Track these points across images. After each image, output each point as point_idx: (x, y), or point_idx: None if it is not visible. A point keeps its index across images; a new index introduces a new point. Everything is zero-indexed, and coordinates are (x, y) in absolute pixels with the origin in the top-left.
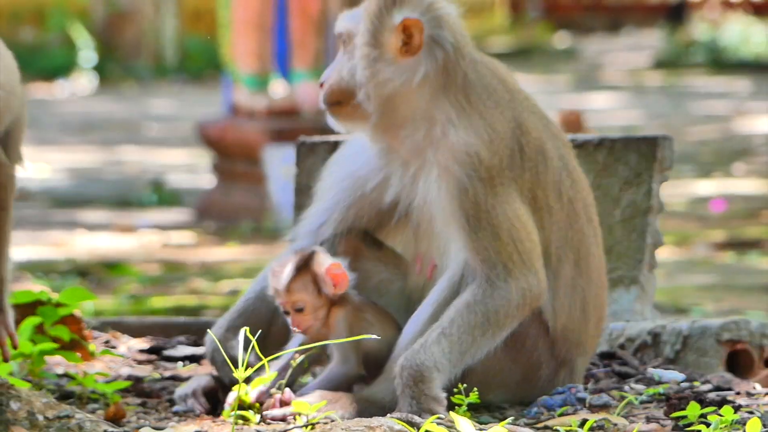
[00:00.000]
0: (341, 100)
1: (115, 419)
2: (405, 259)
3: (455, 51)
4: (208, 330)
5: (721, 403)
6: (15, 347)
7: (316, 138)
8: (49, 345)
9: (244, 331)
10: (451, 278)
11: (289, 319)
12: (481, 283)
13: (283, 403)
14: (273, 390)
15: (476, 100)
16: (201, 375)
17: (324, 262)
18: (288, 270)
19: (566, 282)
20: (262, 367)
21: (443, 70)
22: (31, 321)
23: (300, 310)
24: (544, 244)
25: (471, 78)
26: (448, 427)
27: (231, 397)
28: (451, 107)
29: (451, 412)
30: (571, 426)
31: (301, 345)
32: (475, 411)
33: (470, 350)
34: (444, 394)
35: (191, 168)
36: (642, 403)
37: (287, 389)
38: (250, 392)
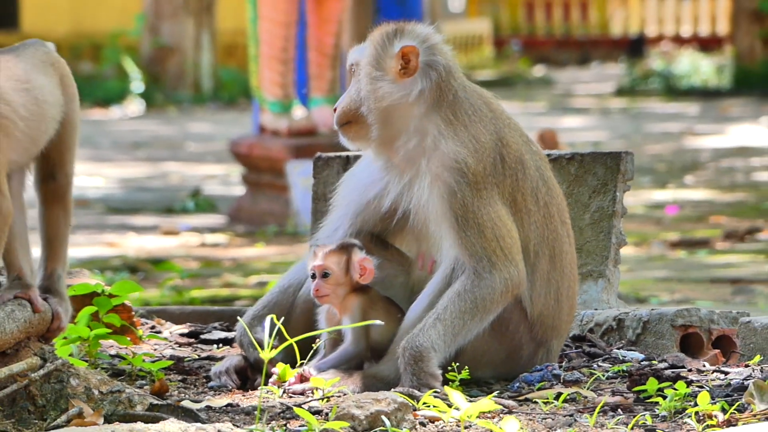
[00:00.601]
0: (351, 120)
1: (160, 393)
2: (408, 257)
3: (447, 73)
4: (239, 318)
5: (675, 378)
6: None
7: (331, 153)
8: (103, 330)
9: (270, 318)
10: (445, 272)
11: (313, 284)
12: (469, 274)
13: (303, 379)
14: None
15: (463, 116)
16: (233, 356)
17: (360, 253)
18: (333, 244)
19: (542, 275)
20: (284, 349)
21: (436, 89)
22: (88, 309)
23: (325, 277)
24: (524, 242)
25: (460, 96)
26: (443, 399)
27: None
28: (441, 121)
29: (446, 387)
30: (548, 398)
31: (319, 329)
32: (466, 386)
33: (462, 332)
34: (440, 371)
35: (224, 179)
36: (608, 379)
37: (306, 367)
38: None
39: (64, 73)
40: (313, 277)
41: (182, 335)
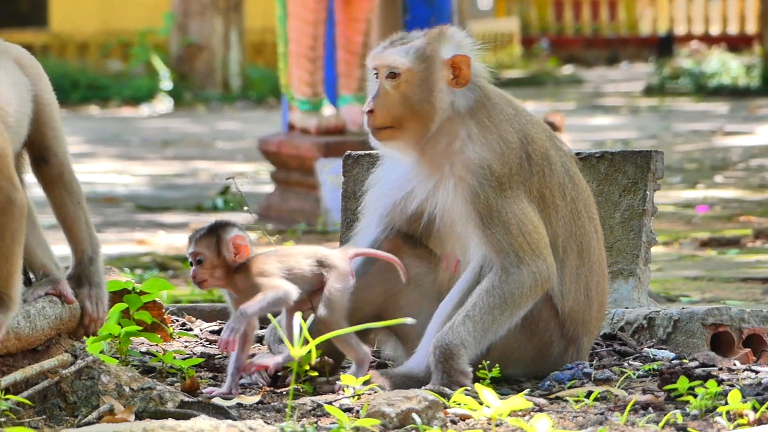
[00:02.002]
0: (392, 125)
1: (190, 390)
2: (437, 255)
3: (484, 80)
4: (269, 315)
5: (706, 377)
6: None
7: (360, 152)
8: (134, 327)
9: (297, 316)
10: (473, 270)
11: (191, 271)
12: (497, 270)
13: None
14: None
15: (494, 118)
16: (264, 353)
17: (232, 232)
18: (200, 229)
19: (571, 270)
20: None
21: (478, 98)
22: (119, 307)
23: (200, 263)
24: (552, 238)
25: (491, 100)
26: (474, 397)
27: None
28: (474, 125)
29: (476, 384)
30: (578, 397)
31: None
32: (496, 384)
33: (492, 328)
34: (470, 369)
35: (254, 177)
36: (639, 377)
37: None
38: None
39: (19, 55)
40: (191, 264)
41: (213, 332)
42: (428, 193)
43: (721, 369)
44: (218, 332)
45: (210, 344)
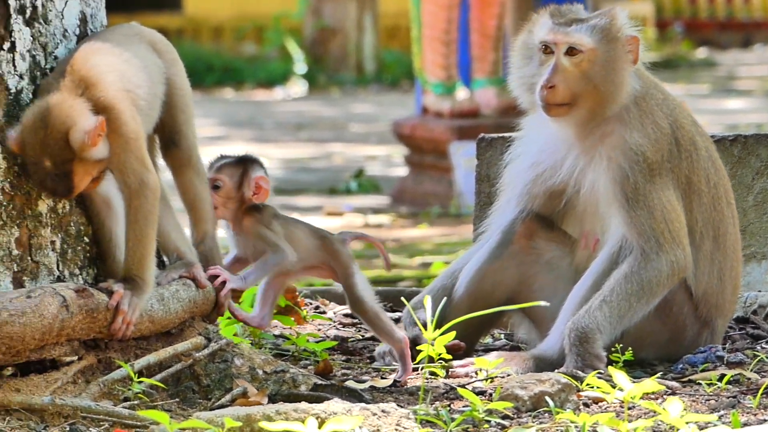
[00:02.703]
0: (569, 102)
1: (324, 373)
2: (572, 238)
3: (641, 63)
4: (403, 298)
5: None
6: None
7: (494, 135)
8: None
9: (431, 299)
10: (611, 250)
11: None
12: (636, 255)
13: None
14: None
15: (648, 102)
16: None
17: (258, 171)
18: (228, 156)
19: (706, 255)
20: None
21: (641, 77)
22: (253, 290)
23: (216, 189)
24: (692, 223)
25: (646, 84)
26: (606, 380)
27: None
28: (633, 107)
29: (609, 368)
30: (711, 380)
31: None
32: (629, 367)
33: (627, 314)
34: (605, 353)
35: (387, 160)
36: None
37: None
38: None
39: (154, 40)
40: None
41: (346, 315)
42: (576, 170)
43: None
44: (352, 315)
45: (343, 327)
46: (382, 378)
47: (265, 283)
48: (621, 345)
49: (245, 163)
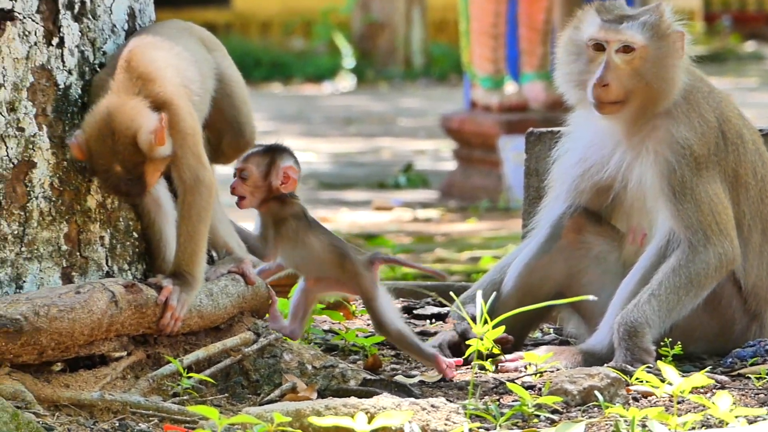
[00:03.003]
0: (621, 100)
1: (373, 368)
2: (620, 232)
3: (687, 57)
4: (451, 293)
5: None
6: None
7: (543, 129)
8: (317, 305)
9: (480, 293)
10: (658, 244)
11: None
12: (684, 249)
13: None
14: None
15: (695, 95)
16: (446, 331)
17: (287, 160)
18: (257, 146)
19: (755, 248)
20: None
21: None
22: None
23: (243, 179)
24: (739, 216)
25: (692, 77)
26: (655, 374)
27: (516, 358)
28: (682, 101)
29: (658, 362)
30: (760, 374)
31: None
32: (678, 361)
33: (676, 308)
34: (654, 347)
35: (436, 155)
36: None
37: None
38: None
39: (203, 36)
40: (235, 176)
41: None
42: (624, 166)
43: None
44: (401, 310)
45: None
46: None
47: (296, 296)
48: (670, 339)
49: (273, 152)
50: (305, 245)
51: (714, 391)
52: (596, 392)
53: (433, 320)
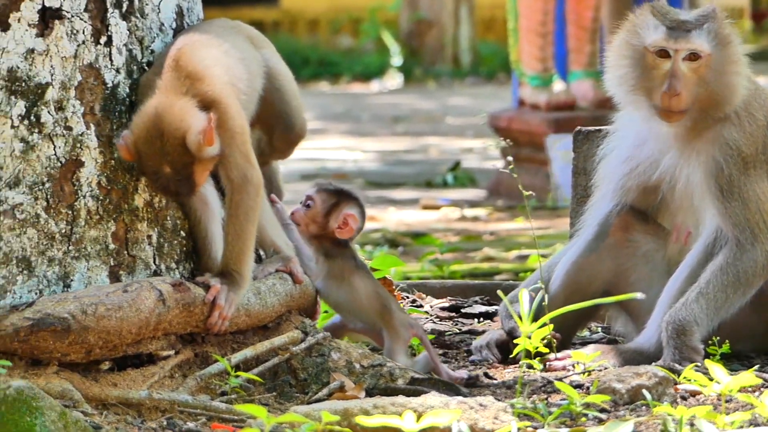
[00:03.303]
0: (688, 108)
1: None
2: (667, 230)
3: None
4: (499, 291)
5: None
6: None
7: (591, 127)
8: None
9: (528, 292)
10: (705, 242)
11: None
12: (731, 246)
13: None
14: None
15: (744, 96)
16: (494, 330)
17: (352, 208)
18: (332, 183)
19: None
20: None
21: None
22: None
23: (307, 207)
24: None
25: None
26: (704, 373)
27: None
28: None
29: (706, 360)
30: None
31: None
32: (726, 360)
33: (724, 306)
34: (702, 346)
35: (483, 153)
36: None
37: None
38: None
39: (251, 34)
40: (302, 203)
41: (443, 309)
42: (672, 166)
43: None
44: (449, 309)
45: (440, 321)
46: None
47: (325, 327)
48: (718, 338)
49: (342, 195)
50: (350, 286)
51: (762, 389)
52: (644, 391)
53: (481, 319)
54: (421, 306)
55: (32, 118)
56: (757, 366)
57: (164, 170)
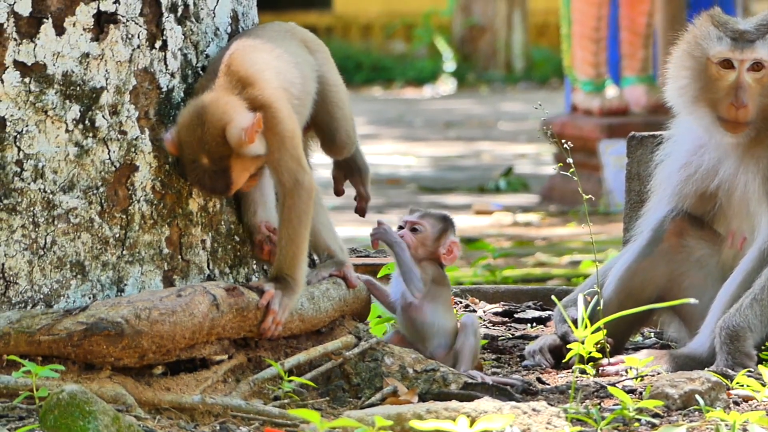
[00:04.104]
0: (751, 121)
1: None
2: (721, 236)
3: None
4: (553, 296)
5: None
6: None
7: (644, 133)
8: None
9: (582, 297)
10: (759, 248)
11: (400, 231)
12: None
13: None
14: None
15: None
16: (547, 335)
17: (454, 236)
18: (439, 211)
19: None
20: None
21: None
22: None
23: (414, 231)
24: None
25: None
26: (757, 379)
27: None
28: None
29: (759, 366)
30: None
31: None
32: None
33: None
34: (755, 351)
35: (536, 159)
36: None
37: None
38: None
39: (305, 38)
40: (400, 228)
41: (496, 314)
42: (731, 172)
43: None
44: (502, 314)
45: (493, 326)
46: (533, 376)
47: None
48: None
49: (447, 222)
50: (448, 312)
51: None
52: (697, 396)
53: (534, 324)
54: (474, 311)
55: (87, 122)
56: None
57: (201, 160)
